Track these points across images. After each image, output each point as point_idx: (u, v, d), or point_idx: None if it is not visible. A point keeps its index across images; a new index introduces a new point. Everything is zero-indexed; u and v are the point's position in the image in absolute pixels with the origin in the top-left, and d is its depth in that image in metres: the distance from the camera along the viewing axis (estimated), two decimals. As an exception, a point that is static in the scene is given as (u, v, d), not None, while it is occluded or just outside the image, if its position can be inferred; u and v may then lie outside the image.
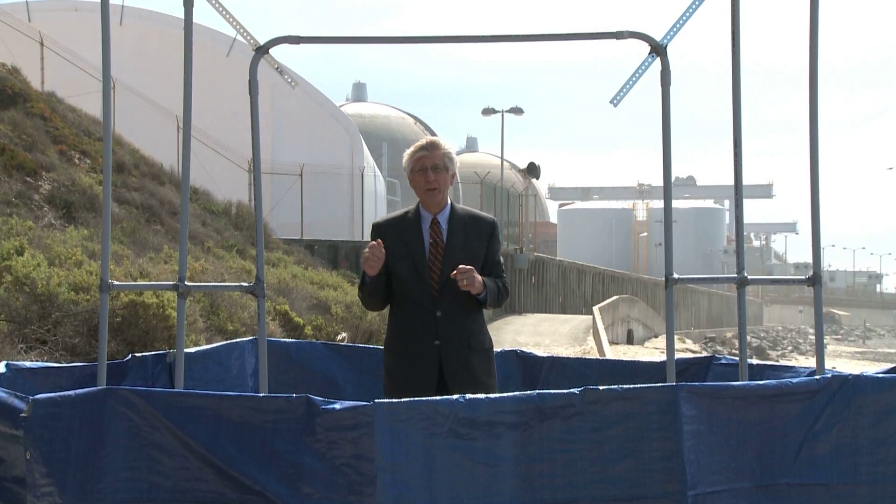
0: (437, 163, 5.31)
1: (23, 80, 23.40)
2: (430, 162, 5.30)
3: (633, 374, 6.24)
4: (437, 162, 5.31)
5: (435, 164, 5.31)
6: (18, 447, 4.11)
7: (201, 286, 7.88)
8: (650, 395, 4.10)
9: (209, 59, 31.97)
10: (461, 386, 5.08)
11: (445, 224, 5.34)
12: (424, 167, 5.29)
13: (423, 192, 5.33)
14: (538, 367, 6.67)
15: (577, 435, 4.03)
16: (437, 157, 5.32)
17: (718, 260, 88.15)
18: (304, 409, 3.96)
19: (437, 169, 5.30)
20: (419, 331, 5.22)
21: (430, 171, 5.29)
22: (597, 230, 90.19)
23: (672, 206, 5.03)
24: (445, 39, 5.31)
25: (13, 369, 5.06)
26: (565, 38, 5.19)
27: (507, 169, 51.98)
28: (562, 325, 32.39)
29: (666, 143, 4.89)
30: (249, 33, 5.24)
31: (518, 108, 45.40)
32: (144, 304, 10.19)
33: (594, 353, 24.45)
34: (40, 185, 16.72)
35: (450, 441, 3.96)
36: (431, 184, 5.29)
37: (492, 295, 5.22)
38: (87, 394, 4.12)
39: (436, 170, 5.30)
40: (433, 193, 5.32)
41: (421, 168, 5.30)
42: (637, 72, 4.97)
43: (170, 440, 4.00)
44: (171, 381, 5.63)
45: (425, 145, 5.36)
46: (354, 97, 74.02)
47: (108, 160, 5.02)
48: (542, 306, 41.67)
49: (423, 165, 5.30)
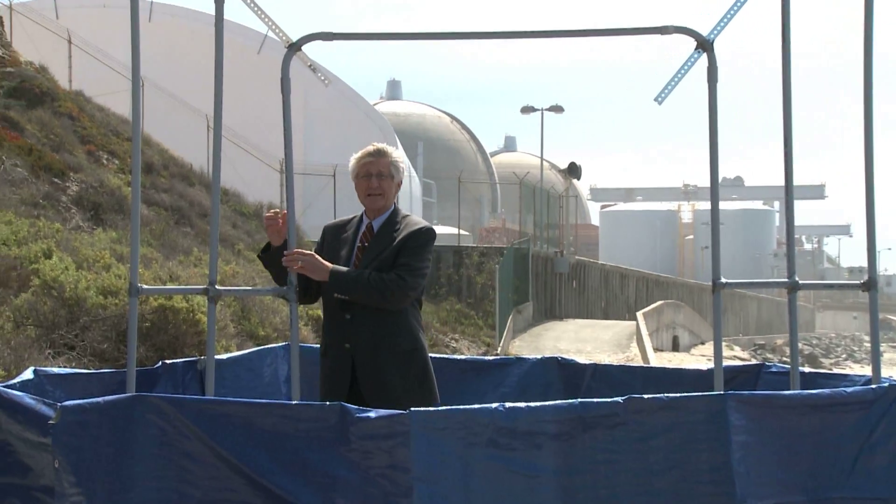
0: (382, 170, 5.40)
1: (50, 78, 23.64)
2: (375, 168, 5.39)
3: (678, 382, 6.21)
4: (381, 169, 5.40)
5: (380, 170, 5.39)
6: (46, 455, 4.15)
7: (232, 290, 7.92)
8: (697, 405, 4.08)
9: (240, 56, 32.14)
10: (370, 390, 5.16)
11: (377, 229, 5.40)
12: (369, 173, 5.39)
13: (364, 196, 5.43)
14: (580, 375, 6.64)
15: (620, 445, 4.01)
16: (382, 165, 5.40)
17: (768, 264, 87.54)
18: (338, 418, 3.97)
19: (382, 176, 5.39)
20: (333, 335, 5.30)
21: (375, 177, 5.38)
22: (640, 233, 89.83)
23: (719, 208, 5.00)
24: (484, 35, 5.31)
25: (41, 375, 5.11)
26: (609, 33, 5.18)
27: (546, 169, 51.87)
28: (604, 331, 32.27)
29: (713, 141, 4.86)
30: (282, 30, 5.26)
31: (558, 105, 45.31)
32: (174, 309, 10.26)
33: (638, 360, 24.34)
34: (68, 187, 16.88)
35: (488, 451, 3.95)
36: (374, 189, 5.38)
37: (349, 283, 5.15)
38: (116, 401, 4.15)
39: (380, 176, 5.39)
40: (374, 199, 5.40)
41: (366, 174, 5.40)
42: (682, 68, 4.95)
43: (200, 449, 4.02)
44: (202, 389, 5.66)
45: (373, 152, 5.44)
46: (389, 95, 74.23)
47: (137, 160, 5.06)
48: (584, 312, 41.54)
49: (368, 171, 5.39)
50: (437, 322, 24.26)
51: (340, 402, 4.13)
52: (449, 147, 67.19)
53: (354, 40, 5.35)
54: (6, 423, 4.40)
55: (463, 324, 26.85)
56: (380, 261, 5.26)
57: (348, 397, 5.07)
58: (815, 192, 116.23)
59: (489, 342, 24.87)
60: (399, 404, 4.47)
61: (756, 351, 54.00)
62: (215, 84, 4.92)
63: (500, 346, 24.44)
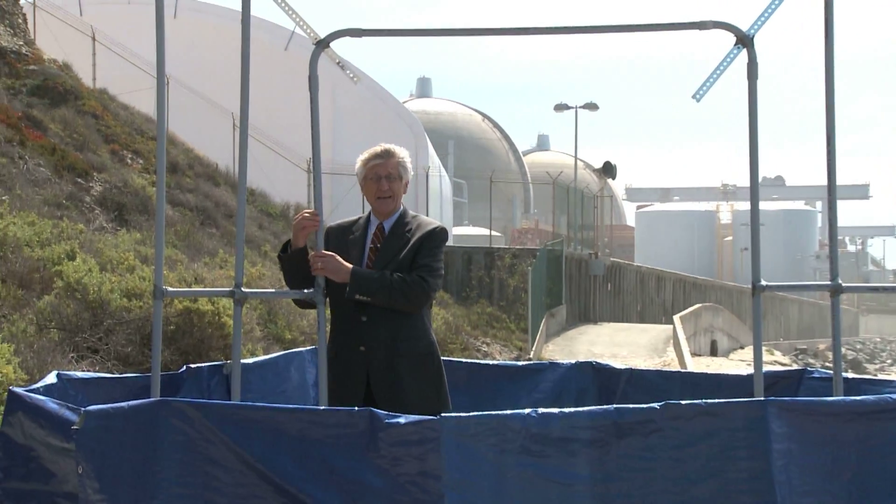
0: (391, 171, 5.42)
1: (74, 76, 23.81)
2: (384, 171, 5.41)
3: (717, 387, 6.19)
4: (390, 171, 5.42)
5: (389, 172, 5.41)
6: (70, 461, 4.18)
7: (258, 293, 7.96)
8: (736, 411, 4.06)
9: (266, 53, 32.26)
10: (385, 393, 5.18)
11: (389, 230, 5.41)
12: (378, 175, 5.40)
13: (374, 199, 5.45)
14: (615, 380, 6.63)
15: (657, 453, 4.00)
16: (390, 166, 5.42)
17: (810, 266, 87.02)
18: (367, 423, 3.98)
19: (391, 178, 5.41)
20: (346, 336, 5.29)
21: (384, 179, 5.40)
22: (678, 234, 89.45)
23: (759, 208, 4.98)
24: (517, 31, 5.31)
25: (64, 379, 5.14)
26: (647, 28, 5.16)
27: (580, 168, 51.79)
28: (640, 335, 32.15)
29: (753, 140, 4.84)
30: (309, 26, 5.28)
31: (593, 103, 45.23)
32: (199, 312, 10.30)
33: (675, 365, 24.24)
34: (91, 187, 16.99)
35: (521, 458, 3.95)
36: (384, 192, 5.40)
37: (372, 285, 5.15)
38: (141, 405, 4.17)
39: (389, 178, 5.41)
40: (384, 202, 5.43)
41: (374, 176, 5.41)
42: (721, 64, 4.94)
43: (226, 455, 4.04)
44: (228, 393, 5.69)
45: (380, 153, 5.45)
46: (419, 93, 74.35)
47: (161, 160, 5.08)
48: (619, 315, 41.42)
49: (377, 174, 5.41)
50: (468, 325, 24.25)
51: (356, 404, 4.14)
52: (480, 146, 67.18)
53: (384, 36, 5.35)
54: (29, 428, 4.43)
55: (494, 327, 26.82)
56: (396, 262, 5.28)
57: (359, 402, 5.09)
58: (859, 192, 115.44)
59: (521, 346, 24.84)
60: (414, 409, 4.48)
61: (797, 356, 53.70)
62: (241, 82, 4.94)
63: (532, 351, 24.41)
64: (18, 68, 21.34)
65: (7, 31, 21.94)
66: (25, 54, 22.19)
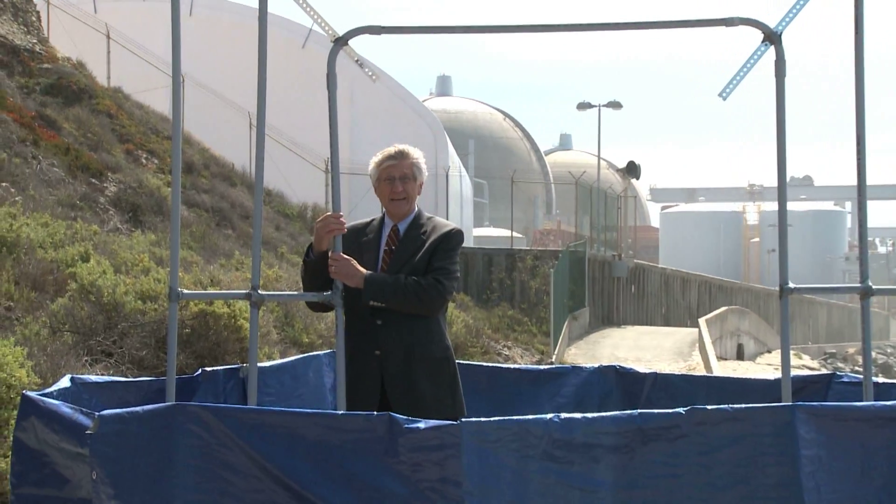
0: (406, 172, 5.42)
1: (88, 75, 23.92)
2: (398, 172, 5.41)
3: (743, 392, 6.17)
4: (405, 171, 5.42)
5: (403, 173, 5.41)
6: (84, 466, 4.19)
7: (275, 295, 7.97)
8: (764, 416, 4.05)
9: (283, 51, 32.33)
10: (400, 398, 5.19)
11: (403, 232, 5.40)
12: (392, 177, 5.41)
13: (388, 201, 5.45)
14: (639, 385, 6.62)
15: (682, 459, 3.99)
16: (405, 167, 5.42)
17: (839, 268, 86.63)
18: (386, 429, 3.98)
19: (405, 179, 5.42)
20: (361, 341, 5.29)
21: (398, 181, 5.40)
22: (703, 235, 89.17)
23: (787, 209, 4.96)
24: (539, 29, 5.30)
25: (78, 383, 5.16)
26: (672, 25, 5.15)
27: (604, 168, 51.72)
28: (664, 338, 32.09)
29: (780, 139, 4.83)
30: (327, 23, 5.29)
31: (616, 102, 45.18)
32: (215, 315, 10.32)
33: (700, 369, 24.19)
34: (106, 187, 17.07)
35: (543, 464, 3.95)
36: (398, 194, 5.41)
37: (386, 290, 5.14)
38: (156, 410, 4.19)
39: (403, 180, 5.41)
40: (399, 204, 5.43)
41: (388, 178, 5.41)
42: (748, 62, 4.92)
43: (242, 460, 4.05)
44: (244, 397, 5.70)
45: (393, 154, 5.45)
46: (439, 91, 74.35)
47: (177, 160, 5.10)
48: (643, 318, 41.35)
49: (391, 175, 5.41)
50: (489, 329, 24.24)
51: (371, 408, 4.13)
52: (501, 145, 67.16)
53: (403, 34, 5.36)
54: (42, 432, 4.45)
55: (516, 331, 26.82)
56: (411, 265, 5.28)
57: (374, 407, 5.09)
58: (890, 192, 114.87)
59: (543, 350, 24.82)
60: (430, 414, 4.48)
61: (826, 360, 53.45)
62: (258, 80, 4.95)
63: (554, 354, 24.39)
64: (32, 67, 21.45)
65: (20, 29, 22.05)
66: (39, 52, 22.30)
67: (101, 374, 8.64)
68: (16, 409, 6.01)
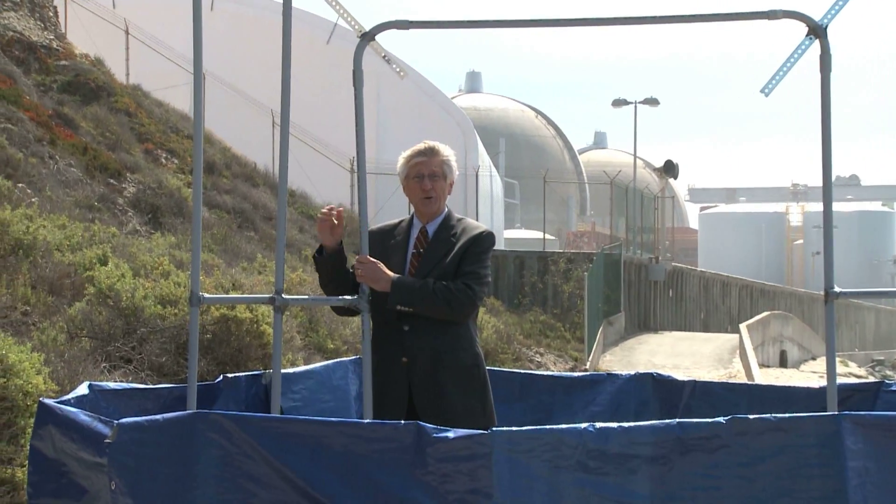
0: (435, 170, 5.40)
1: (106, 72, 24.07)
2: (428, 169, 5.39)
3: (787, 401, 6.14)
4: (434, 169, 5.40)
5: (432, 171, 5.39)
6: (102, 476, 4.21)
7: (299, 299, 7.99)
8: (808, 426, 4.03)
9: (308, 47, 32.41)
10: (428, 406, 5.18)
11: (433, 234, 5.39)
12: (421, 174, 5.39)
13: (417, 200, 5.43)
14: (677, 393, 6.59)
15: (723, 470, 3.98)
16: (434, 164, 5.40)
17: (887, 271, 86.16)
18: (414, 438, 3.98)
19: (435, 177, 5.39)
20: (388, 346, 5.28)
21: (427, 178, 5.38)
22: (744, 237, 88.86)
23: (832, 209, 4.93)
24: (573, 23, 5.29)
25: (96, 391, 5.18)
26: (713, 18, 5.13)
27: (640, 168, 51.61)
28: (703, 344, 31.99)
29: (825, 136, 4.80)
30: (353, 18, 5.31)
31: (653, 98, 45.07)
32: (237, 320, 10.35)
33: (741, 376, 24.10)
34: (124, 188, 17.16)
35: (577, 475, 3.94)
36: (427, 192, 5.38)
37: (414, 295, 5.14)
38: (176, 418, 4.20)
39: (433, 177, 5.39)
40: (428, 203, 5.41)
41: (417, 175, 5.40)
42: (792, 56, 4.91)
43: (265, 470, 4.05)
44: (267, 405, 5.71)
45: (423, 150, 5.43)
46: (468, 88, 74.39)
47: (198, 160, 5.11)
48: (681, 324, 41.23)
49: (420, 172, 5.39)
50: (521, 334, 24.24)
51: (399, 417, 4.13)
52: (533, 144, 67.15)
53: (432, 29, 5.36)
54: (60, 441, 4.47)
55: (548, 336, 26.80)
56: (441, 269, 5.27)
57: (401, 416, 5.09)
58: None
59: (577, 357, 24.80)
60: (459, 424, 4.47)
61: (874, 367, 53.10)
62: (282, 77, 4.96)
63: (589, 361, 24.36)
64: (49, 63, 21.59)
65: (37, 25, 22.20)
66: (56, 49, 22.45)
67: (119, 381, 8.67)
68: (32, 416, 6.05)
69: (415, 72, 37.15)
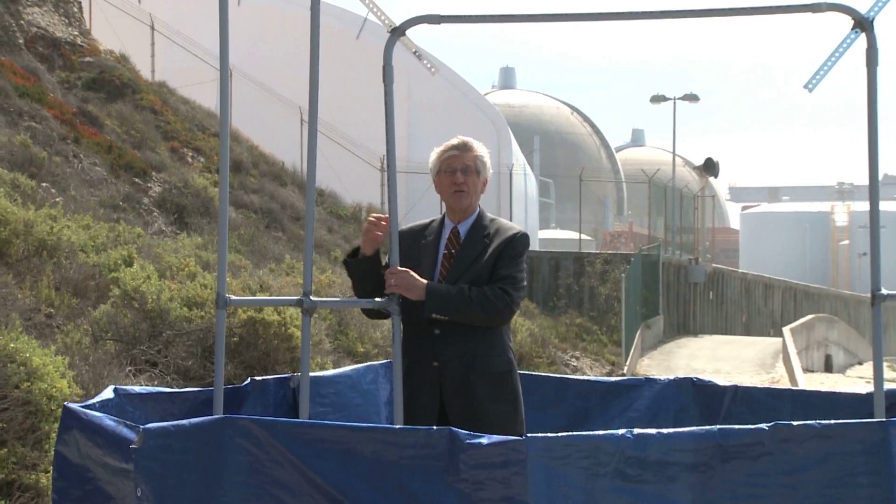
0: (469, 164, 5.37)
1: (131, 68, 24.21)
2: (461, 163, 5.36)
3: (832, 407, 6.10)
4: (468, 163, 5.37)
5: (466, 165, 5.37)
6: (128, 482, 4.22)
7: (328, 302, 8.00)
8: (855, 433, 4.01)
9: (337, 42, 32.48)
10: (460, 412, 5.16)
11: (465, 234, 5.36)
12: (453, 168, 5.36)
13: (448, 194, 5.40)
14: (718, 399, 6.56)
15: (766, 479, 3.96)
16: (468, 159, 5.38)
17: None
18: (447, 444, 3.97)
19: (468, 171, 5.37)
20: (419, 351, 5.26)
21: (459, 172, 5.36)
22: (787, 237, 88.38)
23: (879, 209, 4.91)
24: (610, 17, 5.28)
25: (121, 395, 5.20)
26: (756, 11, 5.11)
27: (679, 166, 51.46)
28: (745, 348, 31.87)
29: (872, 133, 4.77)
30: (383, 12, 5.32)
31: (693, 94, 44.95)
32: (265, 322, 10.37)
33: (785, 381, 24.00)
34: (150, 187, 17.25)
35: (615, 483, 3.93)
36: (459, 186, 5.35)
37: (449, 302, 5.12)
38: (203, 423, 4.21)
39: (466, 171, 5.36)
40: (460, 197, 5.37)
41: (449, 169, 5.37)
42: (837, 51, 4.88)
43: (295, 477, 4.06)
44: (295, 410, 5.72)
45: (457, 145, 5.41)
46: (502, 84, 74.29)
47: (225, 158, 5.12)
48: (722, 327, 41.09)
49: (452, 166, 5.37)
50: (556, 338, 24.21)
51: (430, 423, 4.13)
52: (569, 141, 67.01)
53: (464, 23, 5.36)
54: (85, 446, 4.49)
55: (584, 340, 26.76)
56: (474, 272, 5.25)
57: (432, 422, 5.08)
58: None
59: (614, 361, 24.75)
60: (492, 431, 4.45)
61: (922, 372, 52.76)
62: (310, 73, 4.97)
63: (626, 366, 24.30)
64: (73, 60, 21.74)
65: (61, 21, 22.35)
66: (80, 45, 22.60)
67: (145, 385, 8.72)
68: (57, 421, 6.09)
69: (447, 68, 37.17)
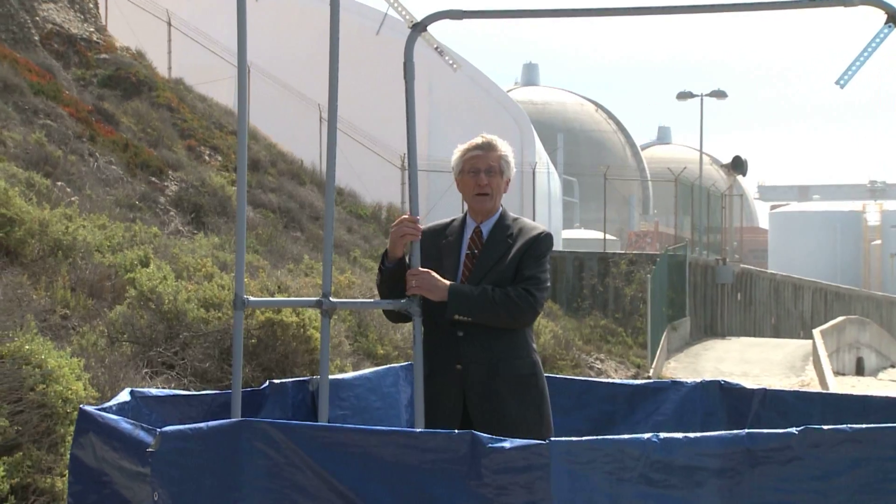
0: (492, 164, 5.36)
1: (148, 65, 24.30)
2: (484, 163, 5.35)
3: (864, 411, 6.07)
4: (491, 164, 5.36)
5: (489, 165, 5.35)
6: (145, 486, 4.24)
7: (348, 303, 7.99)
8: (887, 438, 4.00)
9: (357, 38, 32.47)
10: (483, 416, 5.15)
11: (487, 235, 5.36)
12: (476, 169, 5.35)
13: (471, 196, 5.39)
14: (746, 402, 6.54)
15: (795, 484, 3.95)
16: (492, 159, 5.36)
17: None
18: (468, 448, 3.97)
19: (492, 172, 5.35)
20: (441, 353, 5.24)
21: (483, 173, 5.34)
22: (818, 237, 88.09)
23: (913, 208, 4.88)
24: (637, 11, 5.28)
25: (138, 397, 5.21)
26: (786, 6, 5.10)
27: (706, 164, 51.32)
28: (774, 351, 31.78)
29: (905, 131, 4.75)
30: (405, 7, 5.33)
31: (720, 91, 44.85)
32: (283, 324, 10.38)
33: (815, 385, 23.93)
34: (166, 186, 17.30)
35: (641, 488, 3.92)
36: (483, 188, 5.33)
37: (473, 304, 5.11)
38: (220, 426, 4.22)
39: (489, 173, 5.35)
40: (483, 199, 5.36)
41: (472, 169, 5.36)
42: (870, 46, 4.86)
43: (314, 481, 4.06)
44: (314, 413, 5.73)
45: (480, 144, 5.39)
46: (525, 81, 74.30)
47: (242, 157, 5.14)
48: (750, 329, 40.98)
49: (475, 167, 5.35)
50: (580, 340, 24.18)
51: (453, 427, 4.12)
52: (593, 139, 66.96)
53: (487, 19, 5.36)
54: (101, 450, 4.50)
55: (609, 342, 26.73)
56: (497, 272, 5.25)
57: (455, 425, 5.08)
58: None
59: (640, 363, 24.71)
60: (516, 435, 4.44)
61: (956, 375, 52.52)
62: (330, 70, 4.97)
63: (652, 368, 24.26)
64: (89, 57, 21.82)
65: (77, 17, 22.44)
66: (96, 42, 22.68)
67: (161, 388, 8.74)
68: (72, 424, 6.11)
69: (468, 64, 37.17)
